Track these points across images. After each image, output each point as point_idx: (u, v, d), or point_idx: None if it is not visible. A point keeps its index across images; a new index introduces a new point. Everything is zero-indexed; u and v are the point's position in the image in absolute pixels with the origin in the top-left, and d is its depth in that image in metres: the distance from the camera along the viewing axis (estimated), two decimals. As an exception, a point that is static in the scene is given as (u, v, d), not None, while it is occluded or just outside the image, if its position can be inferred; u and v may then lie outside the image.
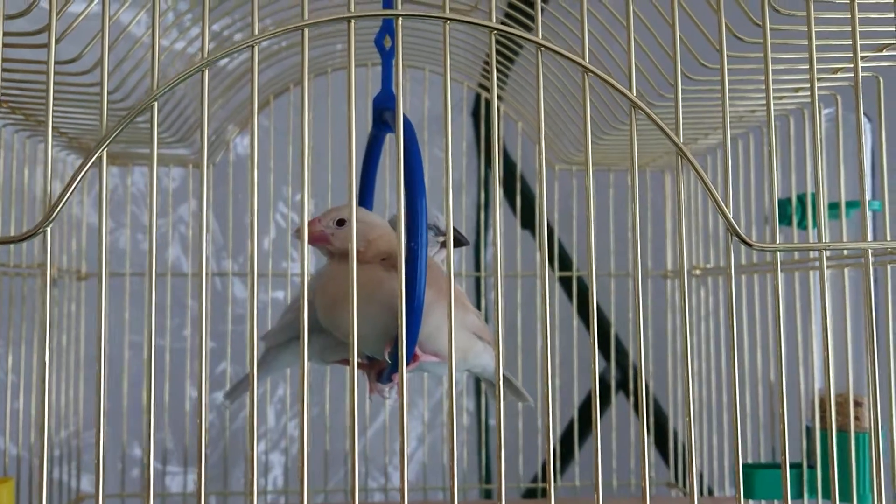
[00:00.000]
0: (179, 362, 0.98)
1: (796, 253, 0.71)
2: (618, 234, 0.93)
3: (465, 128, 1.22)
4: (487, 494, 1.14)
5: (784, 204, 0.71)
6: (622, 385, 1.06)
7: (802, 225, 0.70)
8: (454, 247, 0.69)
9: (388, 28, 0.65)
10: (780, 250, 0.42)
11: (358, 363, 0.67)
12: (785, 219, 0.71)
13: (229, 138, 0.93)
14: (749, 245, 0.42)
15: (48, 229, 0.40)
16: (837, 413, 0.67)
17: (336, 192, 0.92)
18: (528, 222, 1.09)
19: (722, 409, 0.83)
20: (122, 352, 0.92)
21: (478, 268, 1.16)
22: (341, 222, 0.60)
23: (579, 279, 1.07)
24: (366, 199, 0.71)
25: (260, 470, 1.13)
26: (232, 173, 0.91)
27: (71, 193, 0.40)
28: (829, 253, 0.66)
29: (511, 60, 0.85)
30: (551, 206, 0.95)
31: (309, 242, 0.60)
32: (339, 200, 0.95)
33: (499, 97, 0.94)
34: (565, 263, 1.01)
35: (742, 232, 0.42)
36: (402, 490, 0.39)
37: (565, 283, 1.04)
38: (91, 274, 0.90)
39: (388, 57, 0.66)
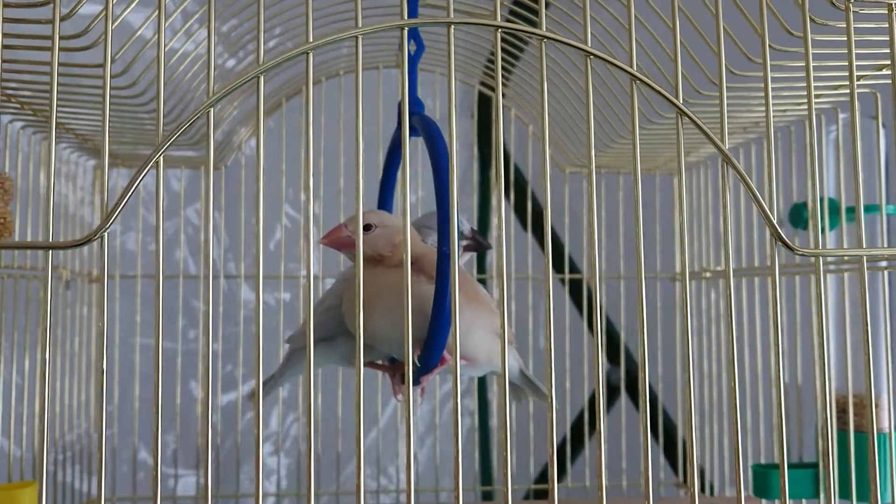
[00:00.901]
0: (189, 364, 0.98)
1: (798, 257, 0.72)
2: (627, 237, 0.94)
3: (466, 129, 1.22)
4: (487, 496, 1.14)
5: (800, 208, 0.72)
6: (629, 387, 1.06)
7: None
8: (476, 251, 0.70)
9: (412, 34, 0.66)
10: (823, 255, 0.43)
11: (381, 365, 0.67)
12: (801, 223, 0.72)
13: (241, 140, 0.92)
14: (792, 250, 0.43)
15: (105, 234, 0.40)
16: (854, 414, 0.68)
17: (348, 196, 0.93)
18: (536, 226, 1.09)
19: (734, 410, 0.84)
20: (132, 354, 0.92)
21: (482, 270, 1.17)
22: (368, 227, 0.60)
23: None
24: (386, 201, 0.71)
25: (263, 472, 1.13)
26: (243, 176, 0.91)
27: (127, 200, 0.40)
28: (841, 259, 0.67)
29: (516, 57, 0.85)
30: (561, 210, 0.96)
31: (335, 247, 0.61)
32: (349, 205, 0.95)
33: (504, 94, 0.94)
34: (574, 267, 1.02)
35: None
36: (455, 496, 0.39)
37: (575, 285, 1.05)
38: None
39: (412, 62, 0.66)
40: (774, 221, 0.43)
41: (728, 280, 0.43)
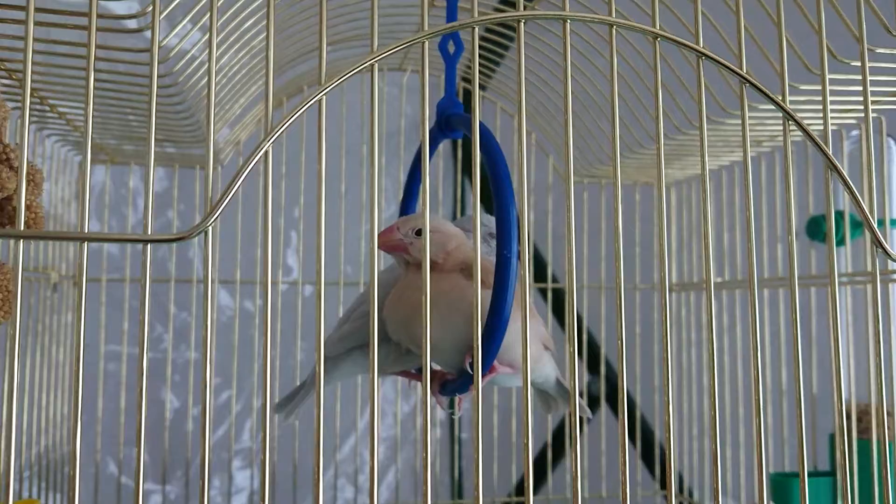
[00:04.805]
0: (159, 372, 0.93)
1: (814, 268, 0.73)
2: (626, 248, 0.94)
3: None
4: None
5: (819, 221, 0.73)
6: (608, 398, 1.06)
7: (837, 240, 0.72)
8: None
9: (452, 35, 0.64)
10: (920, 266, 0.44)
11: (413, 374, 0.65)
12: (819, 235, 0.73)
13: (240, 137, 0.88)
14: (893, 259, 0.43)
15: (209, 228, 0.37)
16: (868, 423, 0.69)
17: (350, 199, 0.90)
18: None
19: (738, 422, 0.85)
20: (98, 361, 0.87)
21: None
22: (420, 232, 0.58)
23: (559, 290, 1.07)
24: (411, 201, 0.69)
25: (232, 489, 1.08)
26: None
27: (232, 195, 0.37)
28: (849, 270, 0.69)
29: (504, 47, 0.84)
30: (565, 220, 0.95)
31: (386, 250, 0.58)
32: (351, 207, 0.92)
33: (484, 88, 0.92)
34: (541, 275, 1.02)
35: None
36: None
37: (554, 294, 1.04)
38: (88, 279, 0.84)
39: (451, 62, 0.65)
40: (876, 229, 0.43)
41: (833, 288, 0.43)
